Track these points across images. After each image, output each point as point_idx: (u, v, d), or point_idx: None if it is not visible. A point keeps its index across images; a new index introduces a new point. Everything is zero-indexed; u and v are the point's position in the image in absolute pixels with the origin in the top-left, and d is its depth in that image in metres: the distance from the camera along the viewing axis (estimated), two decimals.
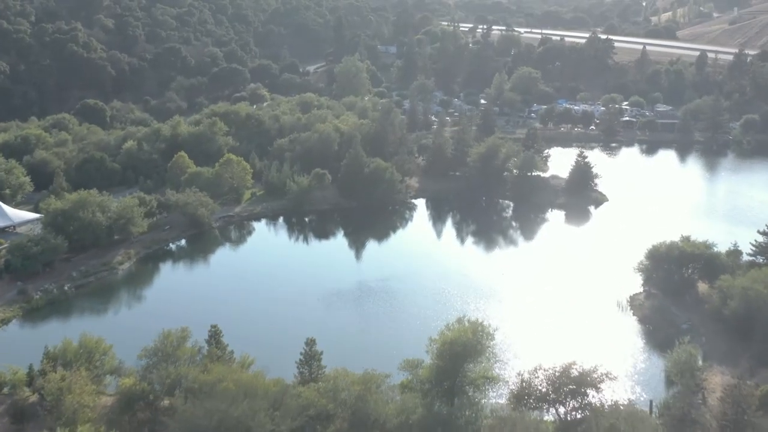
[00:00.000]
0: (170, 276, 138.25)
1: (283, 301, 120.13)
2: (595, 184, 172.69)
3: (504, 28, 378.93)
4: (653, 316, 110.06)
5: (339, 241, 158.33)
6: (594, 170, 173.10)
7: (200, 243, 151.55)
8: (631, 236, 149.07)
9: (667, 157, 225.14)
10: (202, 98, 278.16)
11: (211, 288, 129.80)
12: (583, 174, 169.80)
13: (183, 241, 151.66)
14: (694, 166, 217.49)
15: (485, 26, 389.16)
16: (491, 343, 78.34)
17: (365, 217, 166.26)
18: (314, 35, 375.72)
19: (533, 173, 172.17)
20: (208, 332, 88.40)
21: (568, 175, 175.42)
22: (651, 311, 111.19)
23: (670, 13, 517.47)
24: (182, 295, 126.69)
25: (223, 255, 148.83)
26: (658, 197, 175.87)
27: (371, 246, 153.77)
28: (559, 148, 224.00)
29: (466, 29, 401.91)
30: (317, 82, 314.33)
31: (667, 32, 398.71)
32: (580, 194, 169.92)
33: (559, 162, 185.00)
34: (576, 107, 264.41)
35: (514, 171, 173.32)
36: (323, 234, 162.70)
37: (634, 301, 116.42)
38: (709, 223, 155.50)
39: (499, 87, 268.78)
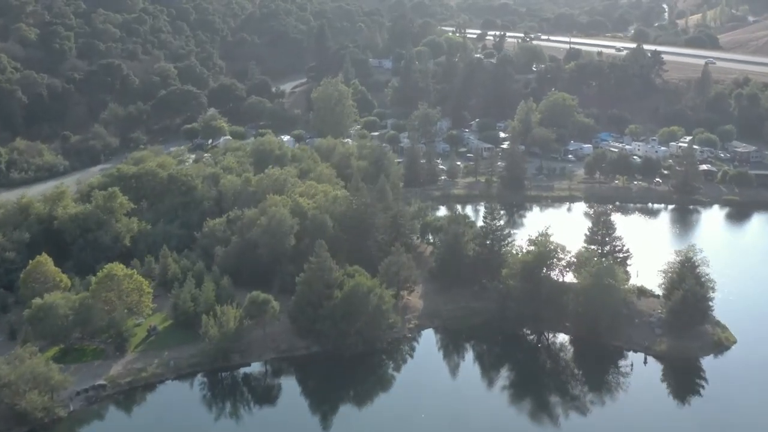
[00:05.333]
0: None
1: None
2: (711, 308, 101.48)
3: (521, 35, 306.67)
4: None
5: (291, 424, 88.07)
6: (708, 285, 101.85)
7: None
8: None
9: None
10: (138, 133, 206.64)
11: None
12: (693, 297, 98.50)
13: None
14: None
15: (497, 33, 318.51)
16: None
17: (335, 372, 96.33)
18: (295, 45, 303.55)
19: (609, 287, 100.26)
20: None
21: (664, 292, 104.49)
22: None
23: (698, 15, 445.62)
24: None
25: None
26: None
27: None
28: (618, 215, 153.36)
29: (474, 36, 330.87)
30: (293, 107, 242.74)
31: (710, 40, 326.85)
32: (690, 332, 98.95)
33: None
34: (627, 146, 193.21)
35: (577, 280, 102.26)
36: (267, 399, 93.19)
37: None
38: None
39: (525, 119, 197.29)
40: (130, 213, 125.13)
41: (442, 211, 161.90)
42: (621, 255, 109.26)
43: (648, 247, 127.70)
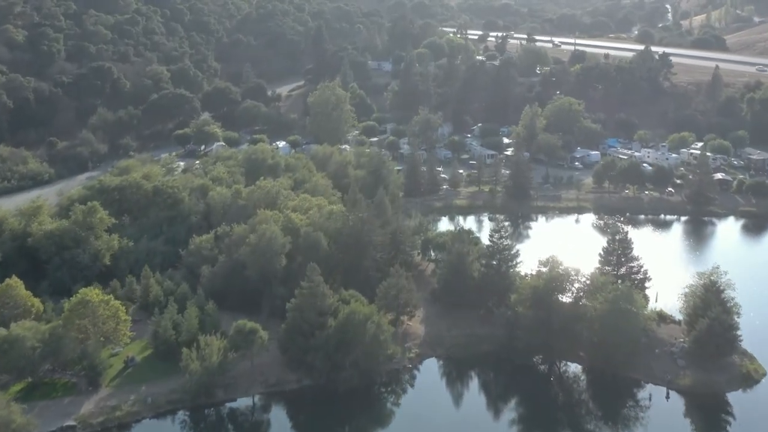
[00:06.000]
0: None
1: None
2: (740, 338, 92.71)
3: (524, 36, 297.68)
4: None
5: None
6: (734, 310, 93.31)
7: None
8: None
9: None
10: (128, 139, 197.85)
11: None
12: (720, 327, 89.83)
13: None
14: None
15: (499, 34, 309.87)
16: None
17: (329, 407, 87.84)
18: (292, 47, 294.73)
19: (627, 314, 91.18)
20: None
21: (686, 318, 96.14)
22: None
23: (703, 16, 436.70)
24: None
25: None
26: None
27: None
28: (630, 228, 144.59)
29: (475, 37, 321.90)
30: (290, 111, 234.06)
31: (717, 42, 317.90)
32: (716, 363, 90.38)
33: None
34: (636, 153, 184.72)
35: (594, 309, 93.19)
36: None
37: None
38: None
39: (530, 124, 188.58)
40: (111, 229, 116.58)
41: (444, 223, 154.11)
42: (639, 277, 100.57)
43: (662, 263, 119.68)
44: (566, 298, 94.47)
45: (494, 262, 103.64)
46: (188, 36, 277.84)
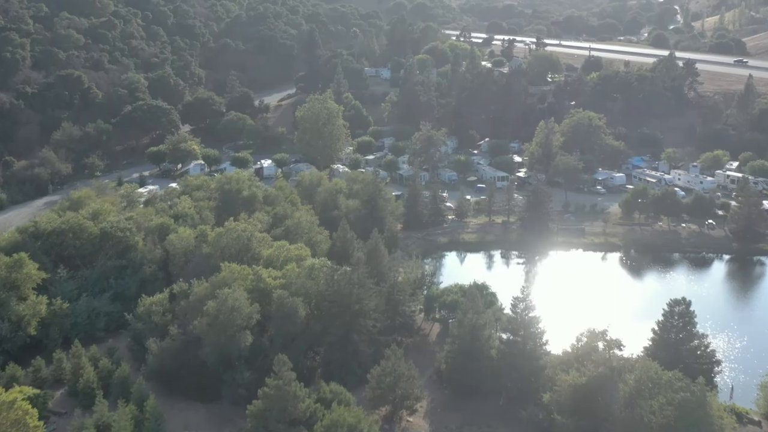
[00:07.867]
0: None
1: None
2: None
3: (533, 40, 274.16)
4: None
5: None
6: None
7: None
8: None
9: None
10: (94, 157, 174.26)
11: None
12: None
13: None
14: None
15: (505, 38, 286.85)
16: None
17: None
18: (285, 52, 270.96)
19: (699, 421, 67.74)
20: None
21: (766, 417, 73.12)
22: None
23: (716, 18, 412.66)
24: None
25: None
26: None
27: None
28: (662, 273, 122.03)
29: (479, 41, 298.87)
30: (278, 124, 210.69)
31: (737, 46, 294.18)
32: None
33: None
34: (666, 176, 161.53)
35: (654, 413, 69.46)
36: None
37: None
38: None
39: (546, 142, 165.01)
40: (44, 284, 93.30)
41: (451, 258, 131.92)
42: (704, 361, 77.29)
43: (716, 319, 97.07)
44: (617, 396, 70.89)
45: (518, 339, 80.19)
46: (171, 40, 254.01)
